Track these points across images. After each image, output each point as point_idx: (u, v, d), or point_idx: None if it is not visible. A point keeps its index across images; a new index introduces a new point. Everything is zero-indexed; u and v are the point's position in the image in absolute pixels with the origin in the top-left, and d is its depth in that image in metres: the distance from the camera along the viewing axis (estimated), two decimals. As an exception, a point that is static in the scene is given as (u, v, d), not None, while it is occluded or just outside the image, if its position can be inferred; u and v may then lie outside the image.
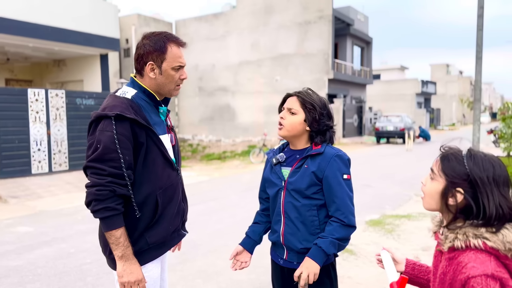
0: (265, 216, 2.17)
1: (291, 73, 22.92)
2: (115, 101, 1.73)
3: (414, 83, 39.66)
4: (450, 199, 1.26)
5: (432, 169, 1.34)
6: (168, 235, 1.86)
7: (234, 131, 24.62)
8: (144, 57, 1.78)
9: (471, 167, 1.24)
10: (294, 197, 1.91)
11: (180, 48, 1.82)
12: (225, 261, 4.46)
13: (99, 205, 1.63)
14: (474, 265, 1.16)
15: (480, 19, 9.50)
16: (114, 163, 1.65)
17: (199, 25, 26.03)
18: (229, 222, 6.20)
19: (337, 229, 1.84)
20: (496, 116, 61.74)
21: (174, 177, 1.87)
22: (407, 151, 17.89)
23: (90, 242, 5.23)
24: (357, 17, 26.32)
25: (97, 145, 1.66)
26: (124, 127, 1.67)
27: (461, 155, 1.29)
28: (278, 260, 2.05)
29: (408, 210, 6.87)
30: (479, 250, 1.19)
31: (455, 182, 1.25)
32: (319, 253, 1.82)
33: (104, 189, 1.63)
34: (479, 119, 9.62)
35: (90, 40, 12.78)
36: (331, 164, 1.87)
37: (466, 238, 1.21)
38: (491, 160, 1.26)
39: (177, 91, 1.88)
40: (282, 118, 1.96)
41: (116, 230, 1.65)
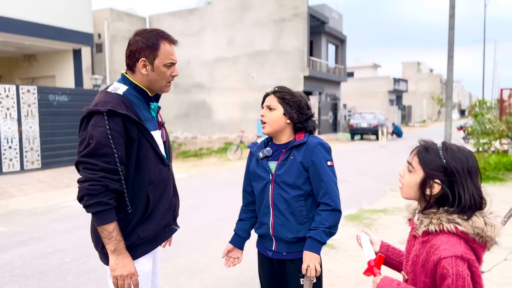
0: (250, 211, 2.21)
1: (267, 70, 22.98)
2: (107, 97, 1.74)
3: (387, 81, 40.49)
4: (428, 189, 1.36)
5: (409, 162, 1.43)
6: (160, 230, 1.88)
7: (210, 128, 24.52)
8: (137, 54, 1.79)
9: (448, 159, 1.34)
10: (283, 189, 1.98)
11: (171, 45, 1.84)
12: (207, 258, 4.48)
13: (92, 199, 1.64)
14: (446, 247, 1.26)
15: (451, 18, 9.80)
16: (107, 158, 1.66)
17: (173, 20, 25.73)
18: (209, 219, 6.20)
19: (326, 218, 1.94)
20: (464, 113, 63.82)
21: (165, 172, 1.89)
22: (381, 147, 18.28)
23: (69, 241, 5.14)
24: (332, 15, 26.62)
25: (90, 141, 1.66)
26: (116, 122, 1.68)
27: (437, 148, 1.38)
28: (267, 252, 2.10)
29: (384, 205, 7.05)
30: (451, 234, 1.30)
31: (432, 174, 1.35)
32: (315, 244, 1.92)
33: (97, 184, 1.63)
34: (451, 116, 9.94)
35: (63, 35, 12.46)
36: (315, 152, 1.97)
37: (440, 222, 1.32)
38: (464, 152, 1.37)
39: (168, 87, 1.90)
40: (262, 116, 2.06)
41: (108, 225, 1.66)
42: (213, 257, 4.51)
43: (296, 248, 2.01)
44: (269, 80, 22.77)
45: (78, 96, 12.05)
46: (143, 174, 1.78)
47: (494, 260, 3.04)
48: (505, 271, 3.71)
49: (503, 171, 9.50)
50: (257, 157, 2.09)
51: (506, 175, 9.29)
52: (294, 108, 2.01)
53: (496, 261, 2.75)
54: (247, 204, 2.22)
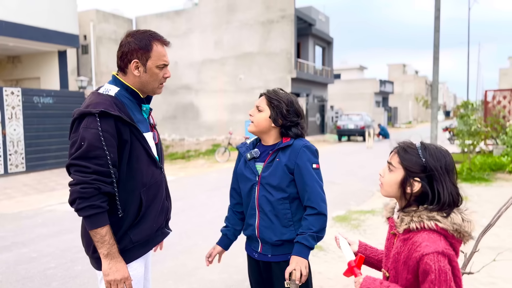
0: (238, 213, 2.21)
1: (254, 72, 22.99)
2: (99, 98, 1.72)
3: (373, 83, 40.84)
4: (408, 187, 1.41)
5: (389, 162, 1.48)
6: (153, 233, 1.86)
7: (197, 130, 24.42)
8: (129, 55, 1.77)
9: (426, 157, 1.39)
10: (268, 191, 1.99)
11: (164, 46, 1.84)
12: (195, 261, 4.43)
13: (84, 203, 1.61)
14: (428, 244, 1.31)
15: (437, 20, 9.93)
16: (99, 161, 1.63)
17: (160, 22, 25.58)
18: (197, 221, 6.16)
19: (312, 222, 1.93)
20: (449, 114, 64.72)
21: (158, 175, 1.87)
22: (368, 148, 18.41)
23: (54, 245, 5.04)
24: (319, 17, 26.77)
25: (81, 143, 1.64)
26: (108, 124, 1.66)
27: (416, 147, 1.43)
28: (253, 254, 2.11)
29: (372, 206, 7.08)
30: (431, 231, 1.35)
31: (412, 172, 1.40)
32: (302, 249, 1.91)
33: (89, 187, 1.61)
34: (437, 117, 10.06)
35: (48, 36, 12.27)
36: (301, 154, 1.96)
37: (421, 220, 1.36)
38: (442, 151, 1.42)
39: (161, 89, 1.89)
40: (250, 115, 2.07)
41: (101, 228, 1.64)
42: (202, 260, 4.47)
43: (281, 251, 2.02)
44: (256, 81, 22.78)
45: (63, 98, 11.88)
46: (136, 176, 1.76)
47: (483, 261, 3.07)
48: (492, 272, 3.75)
49: (488, 171, 9.64)
50: (245, 158, 2.09)
51: (491, 175, 9.42)
52: (279, 114, 2.00)
53: (485, 262, 2.78)
54: (234, 204, 2.22)
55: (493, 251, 4.11)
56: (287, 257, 1.99)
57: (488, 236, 4.52)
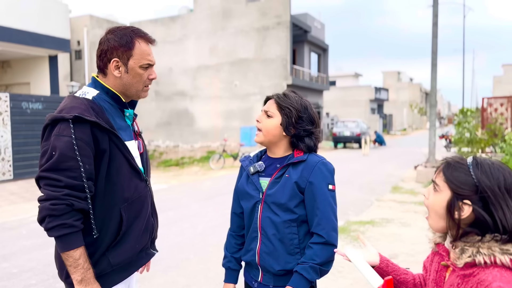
0: (239, 237, 1.93)
1: (250, 78, 22.82)
2: (74, 102, 1.53)
3: (368, 90, 40.87)
4: (456, 212, 1.15)
5: (434, 181, 1.22)
6: (135, 255, 1.65)
7: (192, 136, 24.16)
8: (108, 53, 1.58)
9: (479, 176, 1.13)
10: (273, 211, 1.71)
11: (149, 44, 1.63)
12: (187, 278, 4.16)
13: (54, 221, 1.41)
14: (501, 285, 1.03)
15: (435, 27, 9.78)
16: (72, 173, 1.44)
17: (155, 28, 25.39)
18: (190, 233, 5.88)
19: (317, 253, 1.66)
20: (444, 121, 64.86)
21: (142, 188, 1.66)
22: (364, 155, 18.24)
23: (36, 260, 4.75)
24: (314, 24, 26.72)
25: (52, 152, 1.44)
26: (83, 131, 1.47)
27: (466, 163, 1.17)
28: (252, 283, 1.84)
29: (371, 216, 6.86)
30: (505, 268, 1.07)
31: (461, 194, 1.14)
32: (301, 281, 1.64)
33: (60, 203, 1.41)
34: (435, 124, 9.89)
35: (38, 40, 12.01)
36: (316, 172, 1.70)
37: (492, 253, 1.09)
38: (500, 167, 1.14)
39: (146, 92, 1.68)
40: (258, 122, 1.79)
41: (74, 251, 1.43)
42: (193, 277, 4.20)
43: (284, 282, 1.74)
44: (252, 88, 22.60)
45: (54, 104, 11.59)
46: (116, 190, 1.55)
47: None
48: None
49: (487, 180, 9.46)
50: (248, 172, 1.81)
51: (490, 184, 9.24)
52: (292, 121, 1.73)
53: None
54: (235, 228, 1.92)
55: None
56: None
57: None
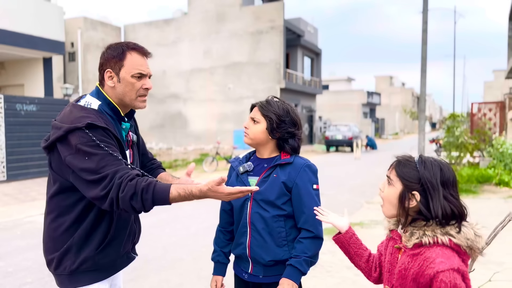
0: (228, 233, 2.08)
1: (243, 82, 22.97)
2: (82, 112, 1.63)
3: (360, 94, 41.21)
4: (407, 201, 1.37)
5: (388, 176, 1.45)
6: (119, 258, 1.78)
7: (185, 139, 24.23)
8: (104, 66, 1.71)
9: (422, 171, 1.36)
10: (262, 207, 1.88)
11: (143, 57, 1.74)
12: (180, 277, 4.28)
13: (137, 196, 1.47)
14: (442, 260, 1.26)
15: (424, 33, 10.01)
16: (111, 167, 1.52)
17: (149, 30, 25.48)
18: (183, 234, 6.00)
19: (308, 246, 1.85)
20: (435, 126, 65.54)
21: None
22: (356, 159, 18.44)
23: (31, 259, 4.84)
24: (307, 28, 26.96)
25: (85, 157, 1.53)
26: (100, 133, 1.58)
27: (414, 161, 1.41)
28: (243, 274, 1.99)
29: (360, 218, 7.01)
30: (445, 247, 1.30)
31: (410, 186, 1.37)
32: (295, 273, 1.83)
33: (124, 185, 1.48)
34: (424, 129, 10.10)
35: (32, 43, 12.06)
36: (301, 174, 1.88)
37: (435, 235, 1.31)
38: (440, 164, 1.39)
39: (142, 103, 1.77)
40: (246, 128, 1.97)
41: (170, 194, 1.48)
42: (186, 276, 4.32)
43: (273, 272, 1.90)
44: (245, 91, 22.75)
45: (48, 106, 11.64)
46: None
47: (481, 279, 3.00)
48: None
49: (475, 183, 9.67)
50: (237, 172, 1.98)
51: (478, 187, 9.45)
52: (276, 125, 1.90)
53: (482, 280, 2.71)
54: (224, 223, 2.09)
55: (482, 265, 4.04)
56: (279, 278, 1.89)
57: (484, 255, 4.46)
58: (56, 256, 1.65)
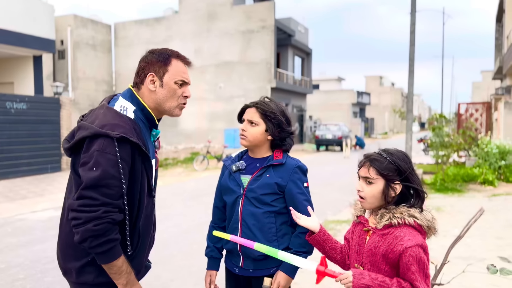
0: (220, 228, 2.16)
1: (234, 81, 23.03)
2: (117, 119, 1.55)
3: (350, 94, 41.47)
4: (391, 192, 1.55)
5: (366, 177, 1.57)
6: (142, 268, 1.74)
7: (176, 138, 24.22)
8: (146, 69, 1.66)
9: (396, 161, 1.54)
10: (254, 204, 1.96)
11: (186, 65, 1.72)
12: (171, 273, 4.37)
13: (99, 239, 1.46)
14: (410, 238, 1.48)
15: (412, 35, 10.18)
16: (111, 190, 1.48)
17: (139, 28, 25.41)
18: (174, 231, 6.08)
19: (306, 242, 1.92)
20: (424, 125, 66.18)
21: (150, 204, 1.73)
22: (345, 158, 18.63)
23: (23, 256, 4.88)
24: (298, 28, 27.10)
25: (93, 168, 1.46)
26: (126, 151, 1.51)
27: (383, 155, 1.57)
28: (234, 268, 2.07)
29: (348, 216, 7.14)
30: (410, 226, 1.52)
31: (391, 178, 1.54)
32: (293, 268, 1.92)
33: (103, 222, 1.45)
34: (411, 128, 10.28)
35: (22, 40, 12.01)
36: (293, 175, 1.97)
37: (402, 216, 1.52)
38: (403, 153, 1.59)
39: (180, 110, 1.73)
40: (244, 130, 2.01)
41: (117, 260, 1.51)
42: (177, 272, 4.41)
43: (263, 265, 1.99)
44: (236, 90, 22.81)
45: (38, 104, 11.61)
46: (140, 208, 1.63)
47: (455, 270, 3.13)
48: (463, 281, 3.83)
49: (460, 182, 9.88)
50: (230, 170, 2.06)
51: (463, 186, 9.66)
52: (276, 126, 1.98)
53: (456, 272, 2.84)
54: (217, 220, 2.17)
55: (464, 261, 4.19)
56: (269, 271, 1.97)
57: (459, 246, 4.62)
58: (78, 266, 1.59)
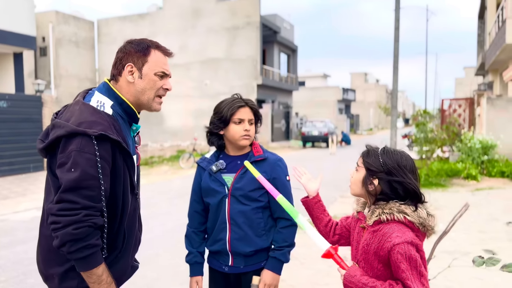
0: (201, 233, 2.13)
1: (220, 78, 22.93)
2: (95, 116, 1.46)
3: (336, 90, 41.72)
4: (369, 185, 1.55)
5: (357, 163, 1.64)
6: (128, 269, 1.68)
7: (162, 135, 24.03)
8: (124, 60, 1.58)
9: (384, 158, 1.54)
10: (242, 202, 1.98)
11: (166, 57, 1.66)
12: (156, 272, 4.32)
13: (78, 244, 1.38)
14: (398, 235, 1.42)
15: (396, 31, 10.25)
16: (91, 192, 1.40)
17: (123, 25, 25.09)
18: (159, 231, 6.02)
19: (288, 235, 2.00)
20: (408, 121, 67.01)
21: (133, 202, 1.65)
22: (331, 154, 18.72)
23: (5, 257, 4.77)
24: (283, 25, 27.09)
25: (72, 169, 1.38)
26: (105, 149, 1.43)
27: (378, 151, 1.59)
28: (222, 268, 2.06)
29: (334, 211, 7.17)
30: (400, 223, 1.47)
31: (371, 171, 1.54)
32: (278, 264, 1.98)
33: (83, 226, 1.38)
34: (396, 124, 10.38)
35: (2, 37, 11.73)
36: (276, 168, 2.03)
37: (391, 212, 1.48)
38: (399, 153, 1.58)
39: (159, 105, 1.66)
40: (248, 130, 2.01)
41: (97, 268, 1.43)
42: (162, 271, 4.36)
43: (253, 261, 2.02)
44: (222, 87, 22.72)
45: (19, 102, 11.36)
46: (123, 207, 1.56)
47: (441, 265, 3.15)
48: (449, 276, 3.87)
49: (444, 177, 10.00)
50: (210, 171, 2.04)
51: (447, 181, 9.78)
52: (260, 122, 2.08)
53: (442, 267, 2.86)
54: (197, 224, 2.12)
55: (449, 255, 4.24)
56: (260, 265, 2.00)
57: (445, 241, 4.66)
58: (60, 271, 1.50)
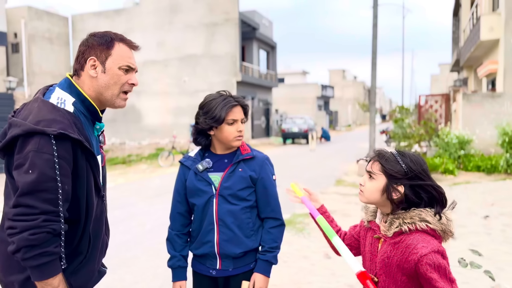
0: (184, 235, 2.04)
1: (199, 74, 22.70)
2: (54, 114, 1.37)
3: (315, 87, 41.96)
4: (392, 193, 1.43)
5: (369, 171, 1.50)
6: (95, 274, 1.59)
7: (140, 133, 23.66)
8: (86, 53, 1.49)
9: (407, 163, 1.43)
10: (230, 201, 1.92)
11: (131, 50, 1.56)
12: (134, 276, 4.19)
13: (34, 251, 1.29)
14: (423, 245, 1.35)
15: (375, 28, 10.31)
16: (50, 195, 1.32)
17: (98, 20, 24.55)
18: (137, 231, 5.86)
19: (277, 235, 1.98)
20: (385, 117, 68.00)
21: (100, 205, 1.57)
22: (311, 151, 18.79)
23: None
24: (262, 21, 27.01)
25: (29, 170, 1.30)
26: (65, 149, 1.35)
27: (395, 155, 1.47)
28: (209, 272, 1.98)
29: (316, 209, 7.16)
30: (423, 232, 1.39)
31: (396, 178, 1.43)
32: (269, 267, 1.95)
33: (41, 231, 1.29)
34: (375, 121, 10.45)
35: (-30, 32, 11.28)
36: (264, 167, 1.99)
37: (413, 222, 1.39)
38: (418, 156, 1.48)
39: (123, 101, 1.57)
40: (241, 131, 1.98)
41: (53, 278, 1.33)
42: (140, 274, 4.23)
43: (242, 263, 1.96)
44: (201, 84, 22.50)
45: (-11, 100, 10.96)
46: (88, 211, 1.47)
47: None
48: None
49: (422, 172, 10.14)
50: (195, 170, 1.94)
51: (425, 176, 9.92)
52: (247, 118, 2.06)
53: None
54: (179, 227, 2.01)
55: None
56: (249, 266, 1.95)
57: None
58: (21, 279, 1.42)
